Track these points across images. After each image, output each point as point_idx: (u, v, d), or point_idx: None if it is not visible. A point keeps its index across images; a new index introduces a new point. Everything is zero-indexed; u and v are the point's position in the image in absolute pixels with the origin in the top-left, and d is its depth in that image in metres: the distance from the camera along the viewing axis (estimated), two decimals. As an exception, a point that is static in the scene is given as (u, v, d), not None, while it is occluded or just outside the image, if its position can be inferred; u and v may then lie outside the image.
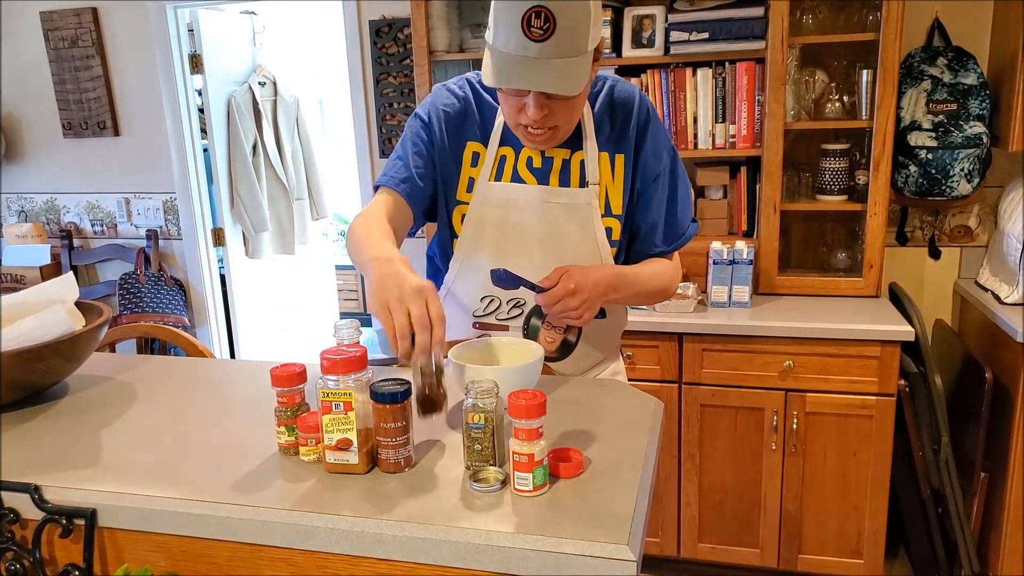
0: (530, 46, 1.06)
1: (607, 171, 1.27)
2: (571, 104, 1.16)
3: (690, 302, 2.21)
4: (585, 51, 1.10)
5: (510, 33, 1.07)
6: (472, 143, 1.29)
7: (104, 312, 1.27)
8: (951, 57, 2.24)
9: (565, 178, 1.27)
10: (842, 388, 2.10)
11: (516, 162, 1.27)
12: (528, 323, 1.29)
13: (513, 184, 1.26)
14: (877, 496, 2.15)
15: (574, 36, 1.07)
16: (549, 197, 1.26)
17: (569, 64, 1.08)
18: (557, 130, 1.19)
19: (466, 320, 1.32)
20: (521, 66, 1.08)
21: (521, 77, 1.09)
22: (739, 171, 2.39)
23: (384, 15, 2.87)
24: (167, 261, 3.42)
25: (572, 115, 1.19)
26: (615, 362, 1.43)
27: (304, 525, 0.84)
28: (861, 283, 2.28)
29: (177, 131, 3.23)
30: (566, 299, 1.14)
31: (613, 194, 1.27)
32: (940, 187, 2.23)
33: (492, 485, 0.88)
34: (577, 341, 1.31)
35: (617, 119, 1.27)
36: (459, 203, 1.29)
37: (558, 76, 1.08)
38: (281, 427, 0.98)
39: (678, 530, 2.33)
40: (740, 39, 2.23)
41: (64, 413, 1.17)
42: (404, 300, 0.95)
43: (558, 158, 1.26)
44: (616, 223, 1.27)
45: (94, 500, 0.91)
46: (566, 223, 1.26)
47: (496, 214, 1.26)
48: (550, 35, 1.05)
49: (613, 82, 1.29)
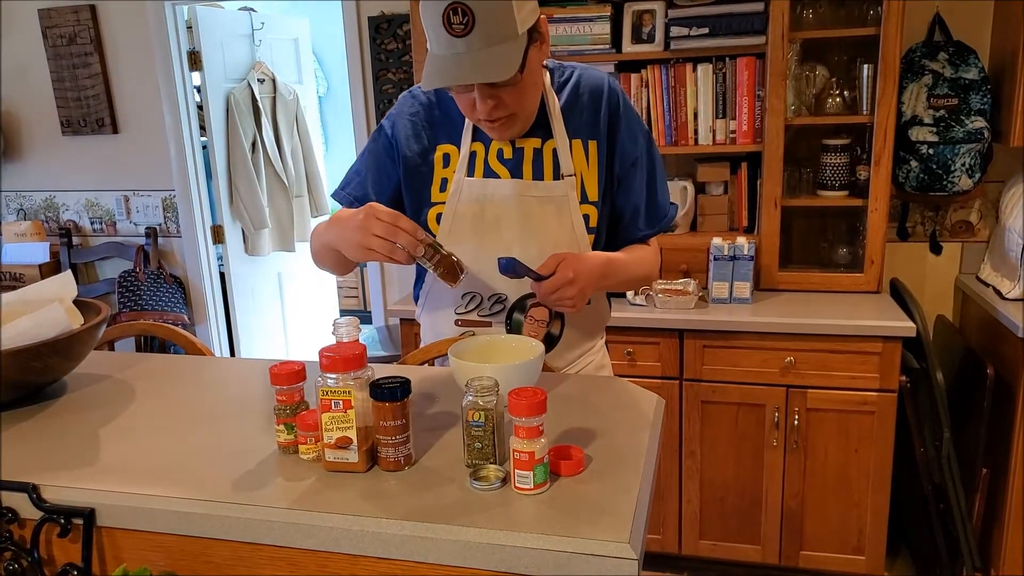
0: (456, 42, 1.09)
1: (581, 158, 1.28)
2: (519, 89, 1.17)
3: (691, 298, 2.20)
4: (515, 35, 1.11)
5: (438, 35, 1.10)
6: (442, 145, 1.30)
7: (102, 310, 1.26)
8: (952, 52, 2.23)
9: (539, 168, 1.27)
10: (843, 384, 2.10)
11: (487, 156, 1.28)
12: (511, 317, 1.29)
13: (488, 179, 1.27)
14: (879, 492, 2.14)
15: (498, 24, 1.09)
16: (525, 191, 1.27)
17: (499, 51, 1.10)
18: (514, 117, 1.20)
19: (448, 317, 1.33)
20: (453, 63, 1.10)
21: (453, 74, 1.11)
22: (740, 167, 2.38)
23: (383, 11, 2.86)
24: (166, 259, 3.41)
25: (524, 100, 1.20)
26: (599, 354, 1.43)
27: (303, 524, 0.83)
28: (862, 279, 2.27)
29: (176, 128, 3.22)
30: (564, 287, 1.14)
31: (588, 181, 1.28)
32: (941, 182, 2.22)
33: (492, 483, 0.87)
34: (560, 334, 1.31)
35: (587, 106, 1.28)
36: (434, 204, 1.30)
37: (489, 65, 1.10)
38: (280, 425, 0.98)
39: (679, 527, 2.33)
40: (740, 34, 2.22)
41: (62, 412, 1.16)
42: (367, 233, 1.08)
43: (528, 148, 1.27)
44: (593, 210, 1.28)
45: (92, 499, 0.90)
46: (543, 214, 1.27)
47: (472, 209, 1.27)
48: (471, 29, 1.08)
49: (581, 71, 1.30)
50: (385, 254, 1.08)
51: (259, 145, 3.56)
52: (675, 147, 2.39)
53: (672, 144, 2.38)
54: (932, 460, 2.14)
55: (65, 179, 3.45)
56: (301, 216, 3.85)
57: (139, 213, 3.39)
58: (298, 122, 3.82)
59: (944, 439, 2.10)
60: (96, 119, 3.29)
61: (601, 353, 1.44)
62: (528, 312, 1.29)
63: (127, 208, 3.40)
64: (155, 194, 3.35)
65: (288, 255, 3.84)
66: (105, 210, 3.43)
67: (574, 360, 1.37)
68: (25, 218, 3.55)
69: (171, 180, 3.30)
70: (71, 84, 3.28)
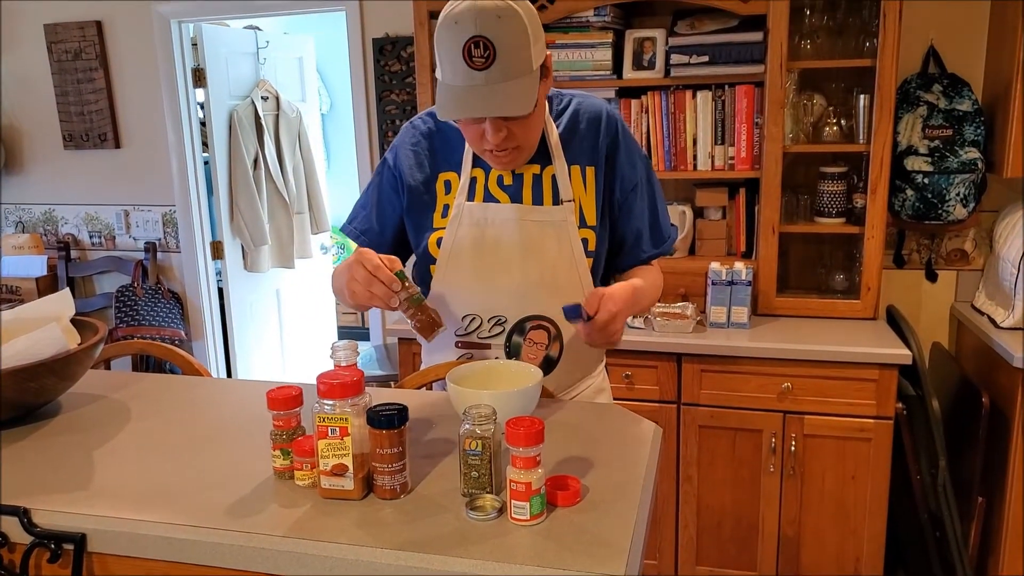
0: (475, 75, 1.11)
1: (579, 184, 1.30)
2: (528, 123, 1.19)
3: (689, 322, 2.21)
4: (530, 70, 1.13)
5: (455, 66, 1.11)
6: (444, 173, 1.33)
7: (100, 330, 1.26)
8: (946, 84, 2.26)
9: (538, 193, 1.29)
10: (840, 411, 2.10)
11: (487, 182, 1.30)
12: (510, 340, 1.30)
13: (489, 204, 1.29)
14: (875, 519, 2.13)
15: (516, 58, 1.11)
16: (525, 215, 1.28)
17: (517, 85, 1.12)
18: (520, 149, 1.23)
19: (449, 339, 1.33)
20: (471, 95, 1.12)
21: (473, 106, 1.13)
22: (738, 192, 2.40)
23: (388, 33, 2.89)
24: (165, 274, 3.41)
25: (530, 133, 1.23)
26: (599, 378, 1.43)
27: (298, 552, 0.83)
28: (859, 305, 2.28)
29: (178, 144, 3.24)
30: (611, 323, 1.15)
31: (587, 206, 1.30)
32: (936, 211, 2.24)
33: (489, 513, 0.87)
34: (560, 357, 1.31)
35: (585, 134, 1.30)
36: (435, 229, 1.32)
37: (508, 99, 1.12)
38: (276, 451, 0.98)
39: (676, 552, 2.31)
40: (739, 63, 2.25)
41: (56, 433, 1.16)
42: (352, 279, 1.14)
43: (528, 174, 1.30)
44: (591, 234, 1.30)
45: (84, 524, 0.90)
46: (542, 238, 1.28)
47: (473, 233, 1.29)
48: (492, 62, 1.10)
49: (580, 99, 1.33)
50: (363, 302, 1.16)
51: (261, 162, 3.58)
52: (674, 172, 2.40)
53: (671, 169, 2.40)
54: (928, 488, 2.14)
55: (65, 193, 3.46)
56: (301, 233, 3.86)
57: (139, 228, 3.39)
58: (300, 140, 3.85)
59: (940, 467, 2.09)
60: (99, 134, 3.31)
61: (601, 376, 1.44)
62: (527, 335, 1.29)
63: (127, 222, 3.40)
64: (155, 209, 3.36)
65: (287, 272, 3.84)
66: (104, 224, 3.44)
67: (574, 384, 1.37)
68: (24, 231, 3.55)
69: (172, 195, 3.31)
70: (75, 99, 3.30)
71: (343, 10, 2.92)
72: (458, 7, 1.10)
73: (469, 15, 1.08)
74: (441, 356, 1.36)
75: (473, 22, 1.08)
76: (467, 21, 1.08)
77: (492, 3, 1.09)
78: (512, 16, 1.10)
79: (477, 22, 1.08)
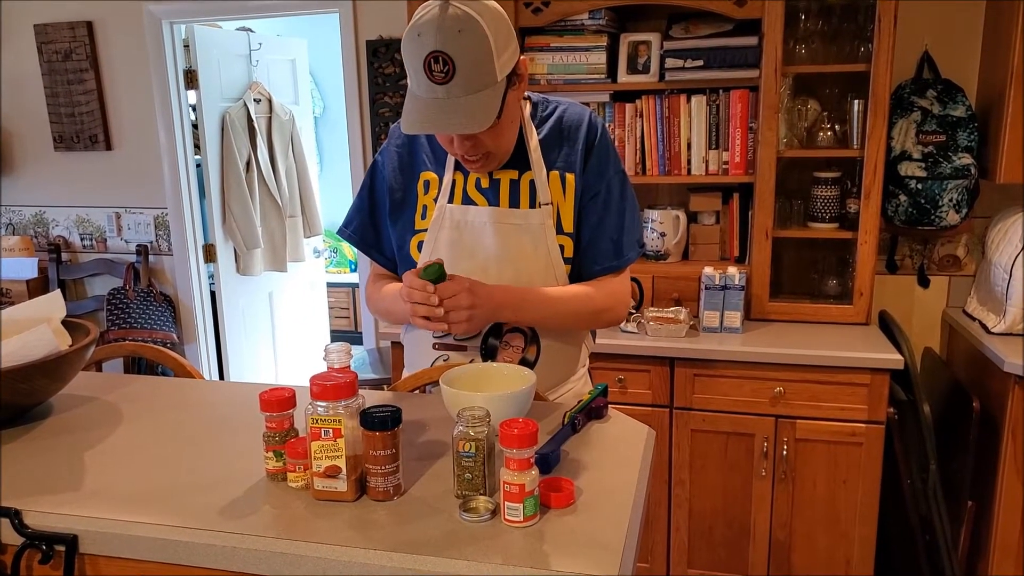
0: (436, 89, 1.11)
1: (558, 190, 1.30)
2: (496, 131, 1.19)
3: (682, 327, 2.21)
4: (494, 82, 1.13)
5: (418, 78, 1.12)
6: (424, 172, 1.34)
7: (91, 331, 1.25)
8: (940, 89, 2.28)
9: (515, 197, 1.29)
10: (832, 415, 2.10)
11: (465, 184, 1.31)
12: (486, 343, 1.30)
13: (468, 207, 1.30)
14: (866, 523, 2.14)
15: (478, 72, 1.11)
16: (503, 218, 1.29)
17: (477, 100, 1.11)
18: (491, 155, 1.24)
19: (426, 341, 1.34)
20: (432, 108, 1.12)
21: (433, 121, 1.13)
22: (732, 197, 2.41)
23: (382, 35, 2.89)
24: (156, 277, 3.39)
25: (501, 140, 1.22)
26: (580, 383, 1.42)
27: (290, 554, 0.82)
28: (851, 310, 2.29)
29: (170, 146, 3.22)
30: (460, 294, 1.15)
31: (565, 212, 1.30)
32: (929, 217, 2.25)
33: (482, 515, 0.87)
34: (536, 360, 1.32)
35: (567, 140, 1.30)
36: (416, 232, 1.33)
37: (466, 114, 1.11)
38: (269, 452, 0.97)
39: (667, 555, 2.31)
40: (734, 67, 2.26)
41: (47, 434, 1.15)
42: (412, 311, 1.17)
43: (505, 179, 1.30)
44: (568, 241, 1.30)
45: (76, 525, 0.89)
46: (519, 242, 1.28)
47: (450, 236, 1.30)
48: (451, 77, 1.09)
49: (566, 106, 1.33)
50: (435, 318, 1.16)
51: (253, 164, 3.57)
52: (668, 176, 2.41)
53: (665, 173, 2.41)
54: (919, 492, 2.15)
55: (56, 195, 3.43)
56: (294, 236, 3.84)
57: (130, 230, 3.37)
58: (293, 142, 3.84)
59: (931, 471, 2.10)
60: (89, 135, 3.29)
61: (583, 380, 1.44)
62: (504, 337, 1.30)
63: (118, 225, 3.38)
64: (147, 211, 3.34)
65: (280, 275, 3.83)
66: (96, 226, 3.42)
67: (553, 387, 1.37)
68: (14, 233, 3.52)
69: (164, 198, 3.30)
70: (65, 100, 3.28)
71: (336, 11, 2.92)
72: (424, 17, 1.09)
73: (430, 28, 1.08)
74: (418, 356, 1.37)
75: (434, 36, 1.08)
76: (428, 35, 1.08)
77: (456, 13, 1.08)
78: (473, 30, 1.08)
79: (437, 37, 1.07)
